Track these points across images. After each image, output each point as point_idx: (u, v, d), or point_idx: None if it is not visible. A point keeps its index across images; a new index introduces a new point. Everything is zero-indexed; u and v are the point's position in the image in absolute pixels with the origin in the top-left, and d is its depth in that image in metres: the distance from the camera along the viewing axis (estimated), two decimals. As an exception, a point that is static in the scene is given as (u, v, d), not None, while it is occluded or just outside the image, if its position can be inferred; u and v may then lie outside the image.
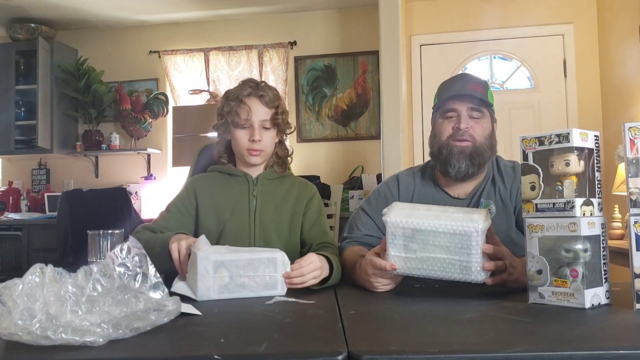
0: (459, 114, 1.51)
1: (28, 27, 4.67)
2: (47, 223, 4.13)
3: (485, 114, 1.53)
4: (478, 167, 1.51)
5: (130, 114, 4.71)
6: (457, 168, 1.49)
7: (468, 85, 1.52)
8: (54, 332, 0.79)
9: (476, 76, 1.62)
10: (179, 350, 0.84)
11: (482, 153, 1.50)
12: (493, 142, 1.54)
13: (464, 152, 1.49)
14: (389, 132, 3.82)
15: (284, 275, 1.25)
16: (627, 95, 3.65)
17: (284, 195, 1.63)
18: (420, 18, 4.38)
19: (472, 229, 1.16)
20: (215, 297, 1.21)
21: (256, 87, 1.59)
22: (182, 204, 1.60)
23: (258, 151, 1.58)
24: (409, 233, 1.21)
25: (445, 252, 1.19)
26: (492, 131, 1.55)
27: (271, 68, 4.67)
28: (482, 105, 1.51)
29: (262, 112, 1.57)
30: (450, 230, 1.17)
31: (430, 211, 1.23)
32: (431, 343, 0.84)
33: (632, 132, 1.03)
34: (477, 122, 1.51)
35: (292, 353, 0.80)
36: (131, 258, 0.93)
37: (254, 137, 1.55)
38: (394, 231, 1.22)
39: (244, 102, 1.57)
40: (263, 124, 1.58)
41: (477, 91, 1.50)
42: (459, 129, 1.50)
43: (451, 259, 1.18)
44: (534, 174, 1.10)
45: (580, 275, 1.03)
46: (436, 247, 1.19)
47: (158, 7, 4.52)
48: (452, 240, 1.18)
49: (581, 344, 0.83)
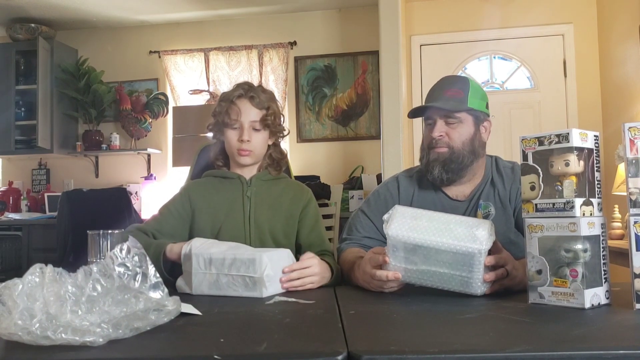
0: (435, 122, 1.52)
1: (28, 27, 4.67)
2: (47, 223, 4.13)
3: (463, 118, 1.51)
4: (455, 173, 1.51)
5: (131, 114, 4.71)
6: (433, 175, 1.52)
7: (443, 91, 1.52)
8: (53, 332, 0.79)
9: (457, 79, 1.61)
10: (178, 350, 0.84)
11: (460, 158, 1.50)
12: (475, 146, 1.53)
13: (437, 159, 1.51)
14: (389, 132, 3.82)
15: (284, 271, 1.26)
16: (627, 95, 3.65)
17: (279, 197, 1.63)
18: (421, 18, 4.38)
19: (475, 251, 1.15)
20: (207, 292, 1.24)
21: (249, 89, 1.61)
22: (175, 207, 1.60)
23: (247, 151, 1.59)
24: (410, 247, 1.20)
25: (446, 267, 1.18)
26: (473, 134, 1.53)
27: (271, 68, 4.67)
28: (458, 111, 1.50)
29: (252, 114, 1.59)
30: (453, 249, 1.16)
31: (432, 223, 1.20)
32: (431, 343, 0.84)
33: (631, 132, 1.03)
34: (454, 128, 1.51)
35: (292, 353, 0.80)
36: (131, 258, 0.93)
37: (242, 137, 1.57)
38: (395, 244, 1.21)
39: (235, 103, 1.60)
40: (253, 125, 1.59)
41: (454, 97, 1.50)
42: (433, 137, 1.52)
43: (452, 273, 1.18)
44: (533, 174, 1.10)
45: (580, 275, 1.03)
46: (438, 261, 1.18)
47: (158, 7, 4.52)
48: (454, 258, 1.17)
49: (581, 344, 0.83)
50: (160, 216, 1.59)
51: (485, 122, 1.56)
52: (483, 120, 1.56)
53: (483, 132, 1.56)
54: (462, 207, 1.54)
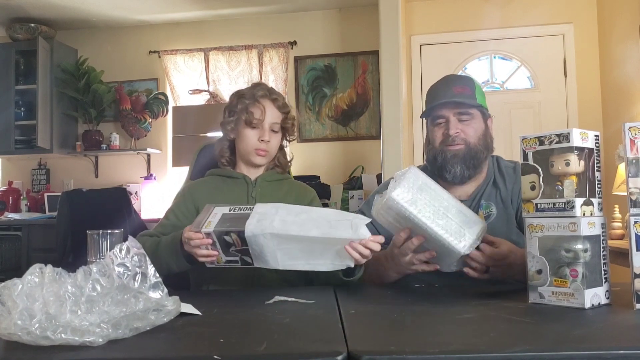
0: (447, 120, 1.52)
1: (28, 27, 4.67)
2: (47, 223, 4.13)
3: (475, 114, 1.53)
4: (474, 169, 1.52)
5: (130, 114, 4.71)
6: (453, 172, 1.51)
7: (451, 89, 1.52)
8: (53, 332, 0.79)
9: (460, 76, 1.62)
10: (178, 350, 0.84)
11: (477, 154, 1.51)
12: (488, 140, 1.55)
13: (457, 155, 1.50)
14: (389, 132, 3.82)
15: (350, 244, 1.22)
16: (628, 95, 3.65)
17: (283, 197, 1.62)
18: (421, 18, 4.38)
19: (455, 249, 1.21)
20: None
21: (269, 91, 1.62)
22: (180, 210, 1.59)
23: (265, 152, 1.59)
24: (402, 217, 1.24)
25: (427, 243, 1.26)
26: (485, 129, 1.55)
27: (271, 68, 4.67)
28: (470, 107, 1.51)
29: (274, 115, 1.59)
30: (439, 238, 1.21)
31: (434, 202, 1.23)
32: (431, 343, 0.84)
33: (632, 132, 1.02)
34: (467, 125, 1.52)
35: (292, 353, 0.80)
36: (130, 258, 0.93)
37: (263, 138, 1.57)
38: (390, 205, 1.23)
39: (259, 102, 1.58)
40: (272, 127, 1.59)
41: (462, 93, 1.51)
42: (449, 135, 1.51)
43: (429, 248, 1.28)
44: (534, 174, 1.10)
45: (580, 275, 1.03)
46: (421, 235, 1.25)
47: (158, 7, 4.51)
48: (438, 244, 1.23)
49: (581, 344, 0.83)
50: (167, 220, 1.58)
51: (489, 119, 1.59)
52: (488, 117, 1.58)
53: (490, 128, 1.58)
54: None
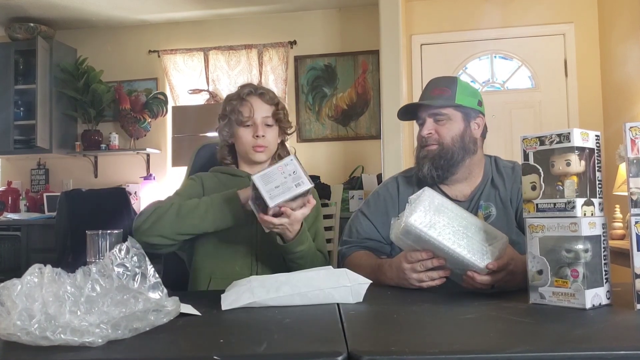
0: (424, 121, 1.56)
1: (27, 26, 4.67)
2: (46, 223, 4.12)
3: (451, 114, 1.53)
4: (445, 170, 1.53)
5: (130, 113, 4.70)
6: (423, 172, 1.54)
7: (430, 91, 1.56)
8: (52, 333, 0.79)
9: (444, 78, 1.62)
10: (178, 351, 0.84)
11: (449, 155, 1.52)
12: (465, 142, 1.54)
13: (427, 156, 1.54)
14: (389, 132, 3.82)
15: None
16: (628, 95, 3.65)
17: None
18: (421, 17, 4.37)
19: (480, 266, 1.20)
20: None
21: (255, 88, 1.62)
22: (192, 189, 1.57)
23: (263, 147, 1.58)
24: (422, 240, 1.23)
25: (448, 263, 1.25)
26: (463, 130, 1.54)
27: (271, 68, 4.67)
28: (446, 108, 1.53)
29: (264, 109, 1.59)
30: (461, 259, 1.21)
31: (452, 222, 1.23)
32: (431, 343, 0.84)
33: (632, 132, 1.02)
34: (442, 125, 1.54)
35: (292, 353, 0.79)
36: (130, 258, 0.92)
37: (257, 133, 1.57)
38: (409, 230, 1.23)
39: (246, 100, 1.59)
40: (265, 121, 1.59)
41: (440, 95, 1.53)
42: (422, 136, 1.56)
43: (450, 267, 1.26)
44: (534, 174, 1.10)
45: (581, 275, 1.03)
46: (441, 256, 1.25)
47: (158, 6, 4.51)
48: (460, 262, 1.22)
49: (582, 344, 0.82)
50: (177, 196, 1.54)
51: (477, 118, 1.57)
52: (475, 117, 1.57)
53: (475, 129, 1.57)
54: (462, 207, 1.54)
